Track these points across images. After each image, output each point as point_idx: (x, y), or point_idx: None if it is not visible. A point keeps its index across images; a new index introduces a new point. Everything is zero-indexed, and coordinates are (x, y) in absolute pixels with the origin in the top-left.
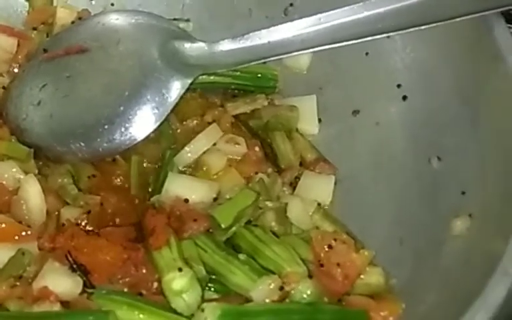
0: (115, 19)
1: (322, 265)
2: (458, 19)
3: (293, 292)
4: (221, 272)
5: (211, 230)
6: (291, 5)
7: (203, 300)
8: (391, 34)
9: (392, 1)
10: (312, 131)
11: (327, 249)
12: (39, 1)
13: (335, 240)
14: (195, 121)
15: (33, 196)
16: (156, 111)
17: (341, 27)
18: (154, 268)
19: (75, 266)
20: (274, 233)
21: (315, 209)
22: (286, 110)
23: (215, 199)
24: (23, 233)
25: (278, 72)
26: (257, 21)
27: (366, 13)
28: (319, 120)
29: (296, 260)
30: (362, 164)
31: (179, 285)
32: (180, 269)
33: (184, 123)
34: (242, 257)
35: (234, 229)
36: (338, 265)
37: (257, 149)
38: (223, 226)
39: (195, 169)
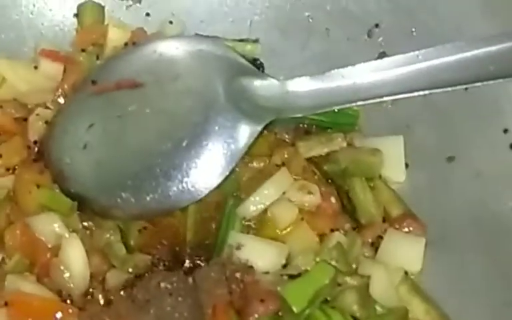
0: (175, 48)
1: None
2: None
3: None
4: None
5: (279, 313)
6: (377, 25)
7: None
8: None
9: (506, 38)
10: (398, 178)
11: None
12: (88, 19)
13: None
14: (262, 163)
15: (76, 261)
16: (219, 163)
17: (443, 68)
18: None
19: None
20: (354, 318)
21: (401, 278)
22: (367, 154)
23: (285, 265)
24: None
25: (359, 107)
26: (336, 43)
27: (475, 52)
28: (406, 165)
29: None
30: (458, 223)
31: None
32: None
33: (249, 164)
34: None
35: (307, 311)
36: None
37: (332, 199)
38: (295, 310)
39: (261, 222)
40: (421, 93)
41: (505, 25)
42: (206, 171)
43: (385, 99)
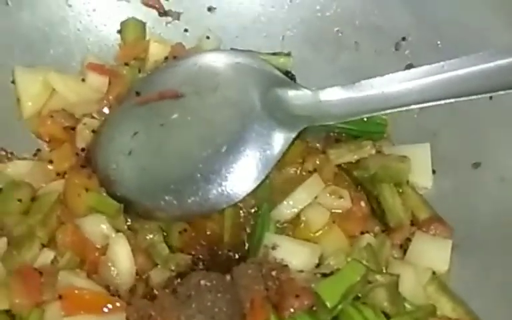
0: (213, 61)
1: None
2: None
3: None
4: None
5: (314, 307)
6: (403, 39)
7: None
8: None
9: None
10: (425, 184)
11: None
12: (131, 35)
13: None
14: (294, 169)
15: (123, 259)
16: (255, 168)
17: (467, 77)
18: None
19: None
20: (385, 313)
21: (429, 278)
22: (396, 161)
23: (317, 265)
24: (110, 306)
25: (387, 115)
26: (364, 56)
27: (498, 62)
28: (433, 171)
29: None
30: (484, 226)
31: None
32: None
33: (282, 170)
34: None
35: (340, 307)
36: None
37: (362, 203)
38: (328, 305)
39: (294, 225)
40: (447, 101)
41: None
42: (243, 175)
43: (412, 107)
